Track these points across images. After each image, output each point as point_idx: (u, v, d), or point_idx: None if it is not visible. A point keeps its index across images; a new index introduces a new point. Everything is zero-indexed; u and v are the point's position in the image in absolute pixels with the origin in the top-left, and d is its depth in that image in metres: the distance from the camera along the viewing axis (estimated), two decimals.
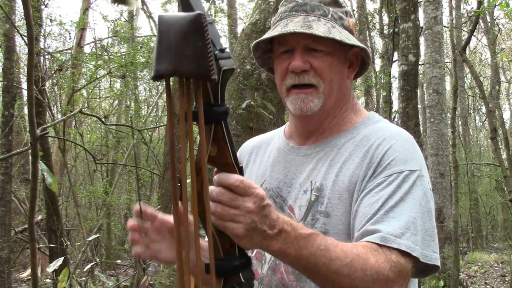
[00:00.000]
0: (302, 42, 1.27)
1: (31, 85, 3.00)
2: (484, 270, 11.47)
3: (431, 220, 1.20)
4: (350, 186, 1.23)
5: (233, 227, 0.93)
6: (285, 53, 1.31)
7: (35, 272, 3.37)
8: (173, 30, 0.82)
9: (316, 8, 1.30)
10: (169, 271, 3.09)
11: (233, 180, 0.92)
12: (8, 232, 7.05)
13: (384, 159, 1.22)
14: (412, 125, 5.31)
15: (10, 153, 6.69)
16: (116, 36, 11.42)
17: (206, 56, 0.81)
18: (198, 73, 0.82)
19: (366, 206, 1.17)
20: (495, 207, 18.48)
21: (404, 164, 1.21)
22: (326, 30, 1.25)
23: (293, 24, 1.26)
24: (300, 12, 1.30)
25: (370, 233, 1.12)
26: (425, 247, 1.15)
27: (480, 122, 21.65)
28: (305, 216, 1.27)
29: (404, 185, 1.18)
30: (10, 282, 7.14)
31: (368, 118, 1.37)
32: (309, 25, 1.25)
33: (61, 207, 9.72)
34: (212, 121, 0.90)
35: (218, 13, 14.02)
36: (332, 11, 1.31)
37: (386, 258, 1.08)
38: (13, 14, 7.37)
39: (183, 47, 0.81)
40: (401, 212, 1.14)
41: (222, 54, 0.88)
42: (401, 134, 1.29)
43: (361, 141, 1.28)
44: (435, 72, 6.83)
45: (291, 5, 1.32)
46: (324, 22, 1.28)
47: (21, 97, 8.89)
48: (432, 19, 6.75)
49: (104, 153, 12.08)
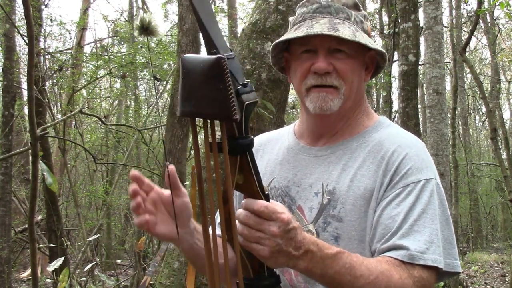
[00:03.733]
0: (326, 44, 1.27)
1: (31, 85, 3.00)
2: (484, 270, 11.47)
3: (450, 227, 1.23)
4: (365, 194, 1.24)
5: (259, 249, 0.99)
6: (306, 52, 1.30)
7: (35, 272, 3.37)
8: (194, 73, 0.87)
9: (340, 11, 1.30)
10: (169, 271, 3.09)
11: (258, 206, 0.97)
12: (8, 232, 7.05)
13: (400, 167, 1.23)
14: (412, 125, 5.31)
15: (10, 153, 6.69)
16: (116, 36, 11.42)
17: (227, 99, 0.85)
18: (220, 115, 0.87)
19: (388, 218, 1.19)
20: (495, 207, 18.47)
21: (420, 173, 1.23)
22: (351, 33, 1.25)
23: (319, 26, 1.26)
24: (324, 14, 1.30)
25: (397, 248, 1.15)
26: (447, 255, 1.19)
27: (480, 122, 21.64)
28: (316, 218, 1.27)
29: (423, 195, 1.20)
30: (10, 282, 7.14)
31: (380, 122, 1.38)
32: (335, 27, 1.25)
33: (61, 207, 9.72)
34: (237, 153, 0.94)
35: (219, 13, 14.03)
36: (354, 15, 1.32)
37: (409, 274, 1.11)
38: (13, 14, 7.37)
39: (204, 90, 0.86)
40: (424, 225, 1.17)
41: (244, 89, 0.90)
42: (414, 141, 1.31)
43: (374, 146, 1.29)
44: (435, 72, 6.82)
45: (314, 6, 1.31)
46: (349, 25, 1.28)
47: (21, 97, 8.88)
48: (432, 19, 6.74)
49: (104, 153, 12.07)
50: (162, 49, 9.98)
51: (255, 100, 0.92)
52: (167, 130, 5.82)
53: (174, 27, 11.37)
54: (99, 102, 13.18)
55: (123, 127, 11.59)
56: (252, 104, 0.91)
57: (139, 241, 5.56)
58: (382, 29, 11.95)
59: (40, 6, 7.73)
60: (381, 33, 11.82)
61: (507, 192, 7.37)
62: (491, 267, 12.07)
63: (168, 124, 5.75)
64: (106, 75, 9.54)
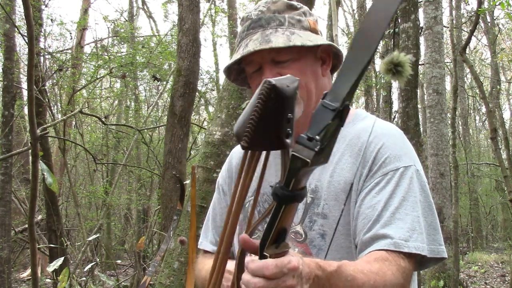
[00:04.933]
0: (267, 57, 1.26)
1: (31, 85, 3.00)
2: (484, 270, 11.47)
3: (433, 213, 1.23)
4: (346, 187, 1.24)
5: None
6: (257, 71, 1.30)
7: (35, 272, 3.37)
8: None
9: (271, 20, 1.29)
10: (169, 271, 3.09)
11: (270, 271, 0.88)
12: (8, 232, 7.05)
13: (378, 157, 1.23)
14: (412, 125, 5.31)
15: (10, 153, 6.69)
16: (116, 36, 11.42)
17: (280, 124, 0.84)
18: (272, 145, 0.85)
19: (368, 208, 1.19)
20: (495, 207, 18.48)
21: (398, 160, 1.22)
22: (285, 40, 1.24)
23: (252, 43, 1.25)
24: (256, 28, 1.28)
25: (380, 238, 1.14)
26: (432, 241, 1.19)
27: (480, 122, 21.64)
28: (303, 218, 1.27)
29: (402, 182, 1.20)
30: (10, 282, 7.14)
31: (356, 115, 1.37)
32: (268, 39, 1.24)
33: (61, 207, 9.72)
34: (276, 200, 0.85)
35: (220, 13, 14.05)
36: (288, 18, 1.29)
37: (398, 266, 1.11)
38: (14, 14, 7.37)
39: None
40: (405, 213, 1.17)
41: (303, 140, 0.80)
42: (391, 130, 1.31)
43: (352, 139, 1.29)
44: (435, 72, 6.83)
45: (247, 24, 1.31)
46: (282, 32, 1.26)
47: (21, 97, 8.89)
48: (432, 19, 6.74)
49: (104, 153, 12.08)
50: (162, 49, 9.99)
51: (305, 159, 0.77)
52: (167, 130, 5.83)
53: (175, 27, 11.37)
54: (99, 102, 13.19)
55: (123, 127, 11.60)
56: (298, 160, 0.77)
57: (139, 241, 5.57)
58: None
59: (40, 6, 7.73)
60: None
61: (507, 192, 7.36)
62: (491, 267, 12.08)
63: (168, 124, 5.75)
64: (106, 75, 9.54)
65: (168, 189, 5.56)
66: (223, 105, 3.21)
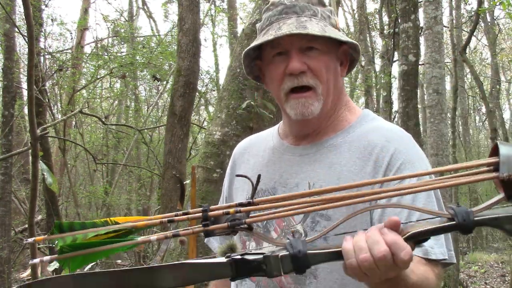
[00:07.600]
0: (297, 44, 1.26)
1: (31, 85, 3.00)
2: (484, 270, 11.47)
3: None
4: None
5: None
6: (278, 55, 1.29)
7: (35, 272, 3.37)
8: None
9: (306, 8, 1.29)
10: None
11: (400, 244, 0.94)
12: (8, 232, 7.05)
13: (392, 163, 1.23)
14: (412, 125, 5.31)
15: (10, 153, 6.69)
16: (116, 36, 11.42)
17: None
18: None
19: (393, 215, 1.19)
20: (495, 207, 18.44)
21: (413, 166, 1.22)
22: (320, 29, 1.24)
23: (286, 26, 1.25)
24: (290, 14, 1.29)
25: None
26: (448, 248, 1.21)
27: (480, 122, 21.64)
28: (304, 218, 1.26)
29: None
30: (10, 282, 7.14)
31: (363, 116, 1.37)
32: (304, 25, 1.24)
33: (61, 207, 9.72)
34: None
35: (220, 13, 14.05)
36: (321, 11, 1.30)
37: (433, 271, 1.13)
38: (14, 14, 7.37)
39: None
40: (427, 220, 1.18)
41: (296, 242, 0.92)
42: (401, 134, 1.30)
43: (360, 141, 1.28)
44: (435, 72, 6.82)
45: (279, 8, 1.30)
46: (316, 22, 1.27)
47: (21, 97, 8.88)
48: (432, 19, 6.74)
49: (104, 153, 12.08)
50: (163, 49, 9.99)
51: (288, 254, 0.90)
52: (167, 130, 5.82)
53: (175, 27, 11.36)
54: (99, 102, 13.19)
55: (123, 127, 11.60)
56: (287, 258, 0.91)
57: None
58: (382, 29, 11.93)
59: (41, 6, 7.73)
60: (381, 33, 11.81)
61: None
62: (491, 267, 12.07)
63: (168, 124, 5.74)
64: (106, 75, 9.54)
65: (168, 189, 5.56)
66: (223, 105, 3.21)
